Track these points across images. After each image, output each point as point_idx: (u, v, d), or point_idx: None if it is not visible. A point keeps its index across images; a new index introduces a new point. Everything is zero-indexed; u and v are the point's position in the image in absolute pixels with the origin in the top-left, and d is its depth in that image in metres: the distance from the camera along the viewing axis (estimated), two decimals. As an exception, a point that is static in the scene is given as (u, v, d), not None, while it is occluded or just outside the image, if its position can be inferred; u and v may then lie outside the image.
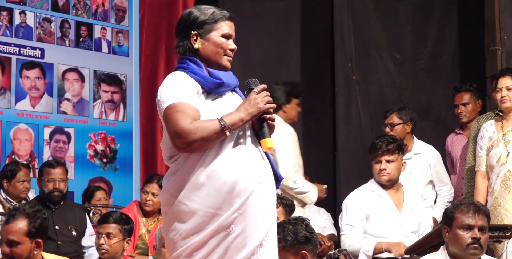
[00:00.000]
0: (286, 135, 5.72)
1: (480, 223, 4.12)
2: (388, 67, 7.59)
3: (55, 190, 5.69)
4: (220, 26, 3.11)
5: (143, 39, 7.91)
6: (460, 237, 4.13)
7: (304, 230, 3.88)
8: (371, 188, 5.21)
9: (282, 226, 3.86)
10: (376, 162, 5.17)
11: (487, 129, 5.46)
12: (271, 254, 3.01)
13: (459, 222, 4.15)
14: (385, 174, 5.14)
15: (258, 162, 3.02)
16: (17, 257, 4.03)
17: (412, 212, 5.16)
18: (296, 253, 3.84)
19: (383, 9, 7.62)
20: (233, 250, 2.94)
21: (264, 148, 3.02)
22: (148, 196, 5.77)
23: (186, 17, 3.15)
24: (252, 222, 2.95)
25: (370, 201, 5.14)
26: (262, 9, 7.80)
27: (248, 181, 2.95)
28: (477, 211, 4.14)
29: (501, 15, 6.34)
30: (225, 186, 2.93)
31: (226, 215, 2.92)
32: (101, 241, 4.89)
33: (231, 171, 2.94)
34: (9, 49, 7.09)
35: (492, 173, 5.35)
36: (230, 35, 3.13)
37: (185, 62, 3.10)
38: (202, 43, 3.10)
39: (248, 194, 2.95)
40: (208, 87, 3.05)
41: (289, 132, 5.78)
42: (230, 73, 3.14)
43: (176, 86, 3.01)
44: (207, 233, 2.93)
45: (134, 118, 7.76)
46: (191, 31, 3.11)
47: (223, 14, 3.13)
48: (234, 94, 3.16)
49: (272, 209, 3.04)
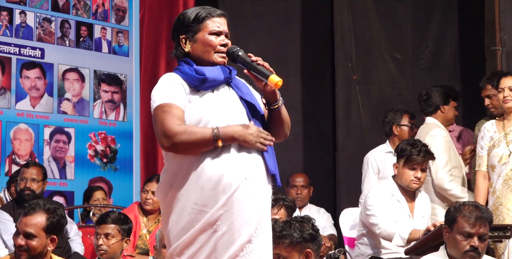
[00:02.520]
0: (439, 137, 5.73)
1: (481, 231, 4.11)
2: (389, 67, 7.58)
3: (25, 188, 5.67)
4: (205, 25, 3.11)
5: (143, 39, 7.91)
6: (459, 242, 4.13)
7: (310, 228, 3.89)
8: (391, 191, 5.16)
9: (289, 222, 3.88)
10: (410, 168, 5.14)
11: (488, 129, 5.46)
12: (261, 250, 3.01)
13: (459, 227, 4.14)
14: (418, 183, 5.14)
15: (245, 158, 3.01)
16: (31, 250, 4.02)
17: (423, 218, 5.17)
18: (301, 251, 3.84)
19: (384, 9, 7.62)
20: (222, 246, 2.95)
21: (274, 84, 3.00)
22: (148, 195, 5.79)
23: (175, 22, 3.19)
24: (239, 219, 2.95)
25: (389, 203, 5.12)
26: (262, 9, 7.80)
27: (232, 177, 2.96)
28: (480, 218, 4.11)
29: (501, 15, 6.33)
30: (209, 183, 2.95)
31: (212, 212, 2.94)
32: (99, 242, 4.87)
33: (215, 167, 2.96)
34: (9, 49, 7.09)
35: (494, 173, 5.34)
36: (219, 31, 3.12)
37: (180, 64, 3.14)
38: (192, 45, 3.13)
39: (233, 190, 2.95)
40: (194, 84, 3.07)
41: (442, 134, 5.79)
42: (218, 67, 3.12)
43: (165, 87, 3.05)
44: (195, 230, 2.95)
45: (134, 118, 7.77)
46: (179, 35, 3.14)
47: (208, 13, 3.13)
48: (229, 89, 3.15)
49: (261, 205, 3.03)
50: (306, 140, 7.67)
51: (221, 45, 3.12)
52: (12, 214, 5.64)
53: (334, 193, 7.28)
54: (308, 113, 7.72)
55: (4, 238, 5.56)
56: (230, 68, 3.16)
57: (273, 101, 3.12)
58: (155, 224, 5.78)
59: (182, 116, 2.99)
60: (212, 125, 2.98)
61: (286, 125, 3.20)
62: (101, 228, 4.91)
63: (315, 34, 7.85)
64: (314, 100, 7.76)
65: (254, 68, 3.05)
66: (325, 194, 7.34)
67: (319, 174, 7.39)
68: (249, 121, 3.08)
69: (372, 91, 7.49)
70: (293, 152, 7.52)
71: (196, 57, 3.12)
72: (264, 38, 7.67)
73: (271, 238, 3.13)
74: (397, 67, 7.61)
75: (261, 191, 3.04)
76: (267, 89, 3.08)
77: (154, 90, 3.08)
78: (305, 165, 7.59)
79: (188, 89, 3.07)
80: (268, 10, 7.84)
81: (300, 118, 7.61)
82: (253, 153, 3.04)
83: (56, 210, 4.08)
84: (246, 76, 3.15)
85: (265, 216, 3.06)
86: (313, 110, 7.75)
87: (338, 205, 6.93)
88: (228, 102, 3.09)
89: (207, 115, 3.01)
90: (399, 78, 7.61)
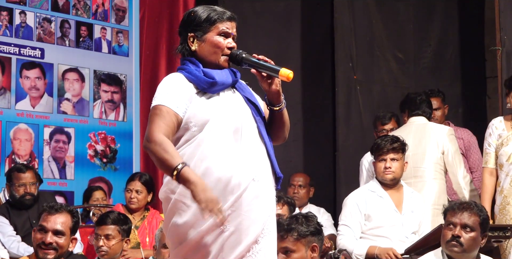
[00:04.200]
0: (454, 136, 5.78)
1: (464, 221, 4.10)
2: (391, 67, 7.58)
3: (26, 194, 5.67)
4: (216, 27, 3.10)
5: (143, 39, 7.90)
6: (444, 234, 4.16)
7: (315, 223, 3.98)
8: (372, 188, 5.21)
9: (296, 217, 3.99)
10: (380, 160, 5.17)
11: (496, 126, 5.44)
12: (267, 251, 3.01)
13: (446, 220, 4.19)
14: (390, 172, 5.13)
15: (253, 159, 3.01)
16: (59, 247, 4.00)
17: (412, 213, 5.16)
18: (307, 245, 3.93)
19: (385, 8, 7.62)
20: (229, 247, 2.94)
21: (286, 77, 2.99)
22: (132, 194, 5.82)
23: (185, 19, 3.17)
24: (246, 219, 2.95)
25: (371, 202, 5.14)
26: (262, 9, 7.80)
27: (241, 178, 2.96)
28: (464, 209, 4.13)
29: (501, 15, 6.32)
30: (220, 183, 2.94)
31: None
32: (100, 243, 4.85)
33: (224, 167, 2.95)
34: (9, 49, 7.09)
35: (502, 171, 5.33)
36: (228, 33, 3.12)
37: (185, 63, 3.12)
38: (199, 44, 3.11)
39: (242, 191, 2.95)
40: (202, 87, 3.05)
41: (452, 133, 5.81)
42: (226, 70, 3.12)
43: (170, 88, 3.04)
44: (202, 230, 2.94)
45: (134, 118, 7.76)
46: (188, 33, 3.12)
47: (219, 15, 3.12)
48: (234, 92, 3.15)
49: (268, 206, 3.03)
50: (306, 140, 7.67)
51: (228, 48, 3.11)
52: (7, 216, 5.63)
53: (334, 193, 7.28)
54: (308, 113, 7.72)
55: (2, 240, 5.56)
56: (234, 70, 3.15)
57: (276, 102, 3.12)
58: (141, 220, 5.82)
59: (173, 123, 2.98)
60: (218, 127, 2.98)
61: (286, 128, 3.20)
62: (101, 229, 4.89)
63: (315, 34, 7.85)
64: (314, 100, 7.76)
65: (263, 66, 3.04)
66: (325, 194, 7.33)
67: (319, 174, 7.39)
68: (255, 123, 3.08)
69: (374, 90, 7.49)
70: (293, 152, 7.52)
71: (202, 57, 3.10)
72: (264, 38, 7.66)
73: (276, 239, 3.13)
74: (399, 67, 7.61)
75: (268, 192, 3.05)
76: (272, 89, 3.08)
77: (159, 88, 3.06)
78: (305, 165, 7.59)
79: (195, 90, 3.05)
80: (268, 10, 7.84)
81: (300, 118, 7.61)
82: (260, 154, 3.05)
83: (74, 213, 4.11)
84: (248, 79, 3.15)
85: (271, 217, 3.06)
86: (313, 110, 7.75)
87: (338, 205, 6.92)
88: (234, 105, 3.08)
89: (214, 117, 3.00)
90: (401, 77, 7.61)
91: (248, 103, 3.12)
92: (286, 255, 3.92)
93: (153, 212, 5.93)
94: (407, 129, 5.78)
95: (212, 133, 2.99)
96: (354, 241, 5.07)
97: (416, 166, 5.69)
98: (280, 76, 3.00)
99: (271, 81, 3.06)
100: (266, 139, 3.10)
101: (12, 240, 5.55)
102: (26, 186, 5.67)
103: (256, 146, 3.06)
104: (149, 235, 5.77)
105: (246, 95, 3.14)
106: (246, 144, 3.02)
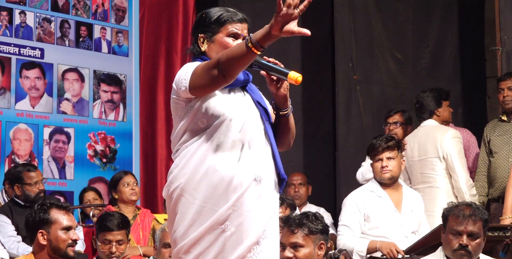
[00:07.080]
0: (457, 139, 5.77)
1: (470, 229, 4.09)
2: (390, 67, 7.59)
3: (40, 191, 5.67)
4: (225, 28, 3.11)
5: (143, 39, 7.90)
6: (449, 241, 4.14)
7: (324, 222, 4.09)
8: (371, 188, 5.21)
9: (306, 214, 4.07)
10: (376, 160, 5.16)
11: None
12: (269, 252, 3.00)
13: (450, 226, 4.15)
14: (387, 171, 5.13)
15: (258, 159, 3.01)
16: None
17: (412, 212, 5.16)
18: (316, 242, 4.01)
19: (384, 8, 7.62)
20: (230, 247, 2.94)
21: (294, 81, 2.99)
22: (131, 186, 5.88)
23: (197, 19, 3.19)
24: (247, 219, 2.95)
25: (370, 202, 5.14)
26: (262, 9, 7.79)
27: (243, 177, 2.96)
28: (469, 216, 4.10)
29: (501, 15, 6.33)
30: (222, 182, 2.94)
31: (221, 211, 2.93)
32: (113, 249, 4.79)
33: (228, 166, 2.95)
34: (9, 49, 7.08)
35: None
36: (238, 34, 3.12)
37: (197, 60, 3.11)
38: (209, 45, 3.12)
39: (244, 190, 2.95)
40: None
41: (458, 136, 5.81)
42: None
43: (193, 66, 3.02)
44: (203, 229, 2.94)
45: (134, 118, 7.76)
46: (198, 33, 3.14)
47: (229, 16, 3.13)
48: (244, 94, 3.14)
49: (270, 207, 3.03)
50: (306, 140, 7.67)
51: None
52: (10, 216, 5.62)
53: (334, 193, 7.29)
54: (308, 113, 7.72)
55: (2, 240, 5.55)
56: (246, 71, 3.14)
57: (283, 107, 3.13)
58: (133, 218, 5.82)
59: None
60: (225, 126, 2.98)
61: (292, 134, 3.20)
62: (112, 235, 4.81)
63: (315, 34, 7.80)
64: (314, 100, 7.76)
65: (272, 68, 3.04)
66: (325, 194, 7.34)
67: (319, 174, 7.39)
68: (262, 124, 3.08)
69: (374, 91, 7.49)
70: (293, 152, 7.51)
71: (211, 57, 3.08)
72: (264, 38, 7.65)
73: (279, 240, 3.13)
74: (398, 67, 7.61)
75: (270, 193, 3.04)
76: (279, 93, 3.08)
77: (182, 70, 3.02)
78: (305, 165, 7.59)
79: None
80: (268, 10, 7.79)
81: (300, 118, 7.61)
82: (265, 155, 3.05)
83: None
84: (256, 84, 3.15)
85: (273, 218, 3.05)
86: (313, 110, 7.75)
87: (338, 205, 6.92)
88: (243, 105, 3.08)
89: (223, 116, 3.00)
90: (400, 77, 7.62)
91: (257, 105, 3.12)
92: (294, 250, 3.97)
93: (144, 211, 5.96)
94: (415, 134, 5.87)
95: (219, 131, 2.99)
96: (354, 240, 5.07)
97: (423, 172, 5.73)
98: (289, 79, 3.00)
99: (280, 85, 3.07)
100: (272, 141, 3.09)
101: (12, 241, 5.53)
102: (38, 184, 5.68)
103: (262, 147, 3.06)
104: (143, 231, 5.80)
105: (256, 98, 3.15)
106: (251, 144, 3.02)
